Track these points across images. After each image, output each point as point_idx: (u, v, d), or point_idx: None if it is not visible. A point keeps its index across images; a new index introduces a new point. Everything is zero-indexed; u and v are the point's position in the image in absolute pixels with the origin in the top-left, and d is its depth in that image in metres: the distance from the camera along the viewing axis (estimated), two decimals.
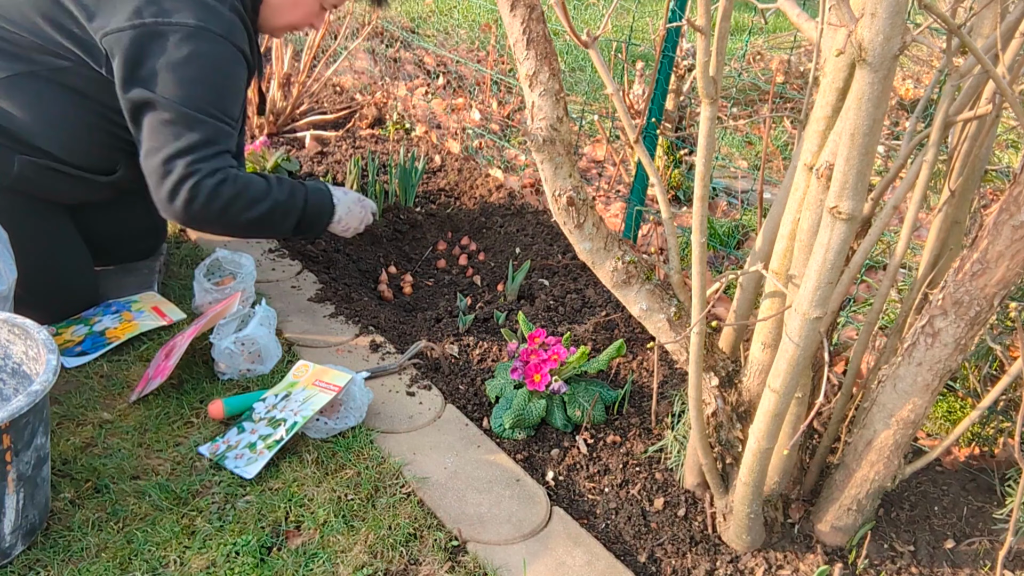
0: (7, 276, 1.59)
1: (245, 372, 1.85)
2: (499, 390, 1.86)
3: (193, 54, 1.71)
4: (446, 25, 4.48)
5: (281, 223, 1.91)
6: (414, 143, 3.16)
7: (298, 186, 1.94)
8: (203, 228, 1.89)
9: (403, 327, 2.11)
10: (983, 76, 1.28)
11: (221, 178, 1.75)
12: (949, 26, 1.03)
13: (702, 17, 1.10)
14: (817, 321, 1.17)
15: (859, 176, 1.02)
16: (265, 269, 2.27)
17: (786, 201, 1.37)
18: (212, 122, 1.75)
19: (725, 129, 3.57)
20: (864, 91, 0.96)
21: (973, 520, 1.67)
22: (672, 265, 1.44)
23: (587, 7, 5.09)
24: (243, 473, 1.58)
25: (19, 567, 1.37)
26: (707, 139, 1.19)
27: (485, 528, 1.53)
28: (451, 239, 2.64)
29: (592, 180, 3.09)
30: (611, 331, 2.13)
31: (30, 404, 1.26)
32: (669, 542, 1.57)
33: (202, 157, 1.73)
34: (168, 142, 1.72)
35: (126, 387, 1.80)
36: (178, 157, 1.72)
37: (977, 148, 1.44)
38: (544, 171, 1.38)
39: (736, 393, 1.51)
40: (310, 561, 1.43)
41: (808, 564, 1.53)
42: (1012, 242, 1.22)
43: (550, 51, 1.33)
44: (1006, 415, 1.80)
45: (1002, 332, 1.74)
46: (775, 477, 1.54)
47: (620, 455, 1.76)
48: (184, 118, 1.71)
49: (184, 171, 1.72)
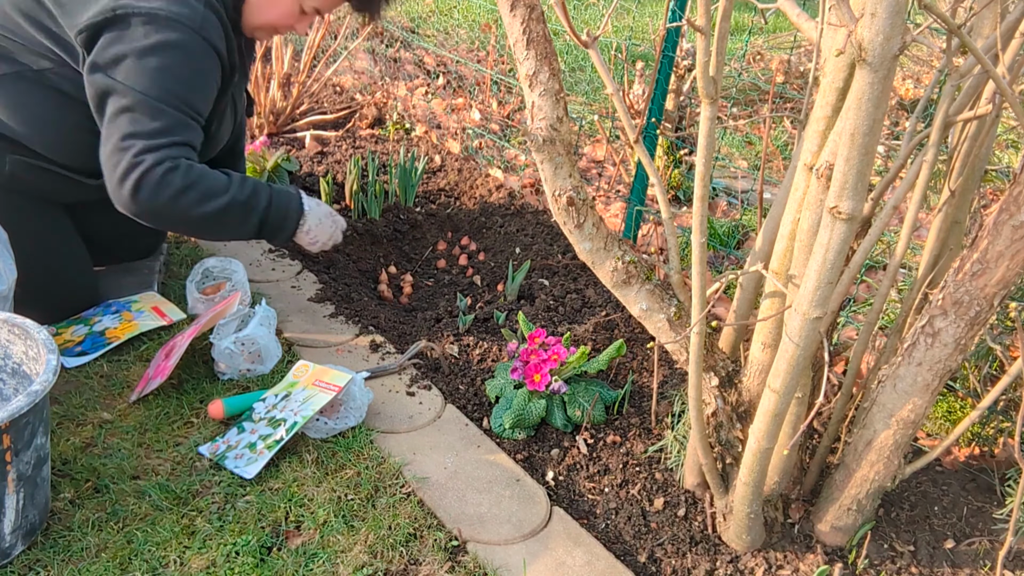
0: (7, 276, 1.59)
1: (245, 372, 1.85)
2: (499, 390, 1.87)
3: (160, 43, 1.67)
4: (446, 25, 4.48)
5: (241, 223, 1.83)
6: (414, 143, 3.16)
7: (262, 186, 1.87)
8: (156, 222, 1.78)
9: (403, 327, 2.11)
10: (983, 76, 1.28)
11: (170, 166, 1.68)
12: (949, 26, 1.03)
13: (702, 17, 1.10)
14: (817, 321, 1.17)
15: (859, 176, 1.02)
16: (265, 269, 2.27)
17: (786, 201, 1.37)
18: (172, 112, 1.70)
19: (725, 129, 3.57)
20: (864, 91, 0.96)
21: (973, 520, 1.67)
22: (672, 265, 1.44)
23: (587, 7, 5.09)
24: (243, 473, 1.58)
25: (19, 567, 1.37)
26: (707, 139, 1.19)
27: (485, 528, 1.54)
28: (451, 239, 2.64)
29: (592, 180, 3.09)
30: (611, 331, 2.13)
31: (30, 404, 1.26)
32: (669, 542, 1.57)
33: (155, 146, 1.67)
34: (122, 128, 1.67)
35: (126, 387, 1.80)
36: (129, 142, 1.66)
37: (977, 148, 1.44)
38: (544, 171, 1.38)
39: (736, 393, 1.51)
40: (310, 561, 1.43)
41: (808, 564, 1.53)
42: (1012, 242, 1.22)
43: (550, 51, 1.33)
44: (1006, 415, 1.80)
45: (1002, 332, 1.74)
46: (775, 477, 1.54)
47: (620, 455, 1.76)
48: (143, 106, 1.67)
49: (133, 158, 1.66)
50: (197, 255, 2.30)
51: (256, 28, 1.92)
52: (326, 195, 2.53)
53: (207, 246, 2.35)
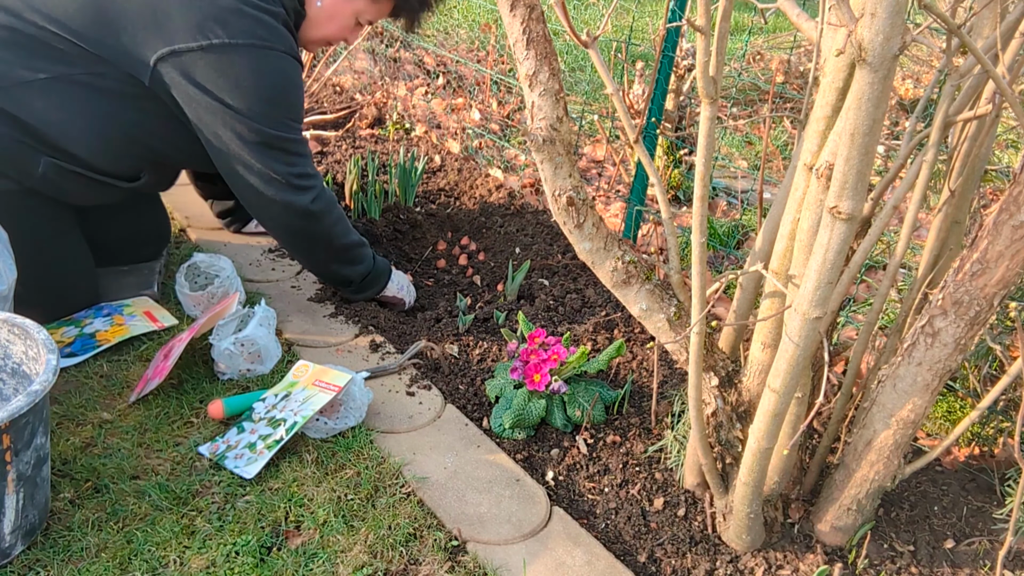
0: (7, 276, 1.59)
1: (245, 372, 1.85)
2: (499, 390, 1.86)
3: (270, 70, 1.77)
4: (446, 25, 4.47)
5: (357, 263, 2.06)
6: (414, 143, 3.16)
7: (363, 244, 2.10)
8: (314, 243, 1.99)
9: (403, 327, 2.11)
10: (983, 76, 1.28)
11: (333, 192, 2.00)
12: (949, 26, 1.03)
13: (702, 17, 1.10)
14: (817, 321, 1.17)
15: (859, 176, 1.02)
16: (265, 269, 2.27)
17: (786, 201, 1.37)
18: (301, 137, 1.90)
19: (725, 129, 3.57)
20: (864, 91, 0.96)
21: (973, 520, 1.67)
22: (672, 265, 1.44)
23: (587, 7, 5.09)
24: (243, 473, 1.58)
25: (19, 567, 1.37)
26: (707, 139, 1.19)
27: (485, 528, 1.53)
28: (451, 239, 2.64)
29: (592, 180, 3.09)
30: (611, 331, 2.13)
31: (30, 404, 1.26)
32: (669, 542, 1.57)
33: (314, 173, 1.93)
34: (280, 159, 1.83)
35: (126, 387, 1.80)
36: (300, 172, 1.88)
37: (977, 148, 1.44)
38: (544, 171, 1.38)
39: (736, 393, 1.51)
40: (310, 561, 1.43)
41: (808, 564, 1.53)
42: (1012, 242, 1.22)
43: (550, 51, 1.33)
44: (1006, 415, 1.80)
45: (1002, 332, 1.74)
46: (775, 477, 1.54)
47: (620, 455, 1.76)
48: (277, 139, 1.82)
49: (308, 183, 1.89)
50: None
51: (312, 42, 2.02)
52: None
53: (207, 246, 2.35)
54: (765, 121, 3.63)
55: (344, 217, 2.02)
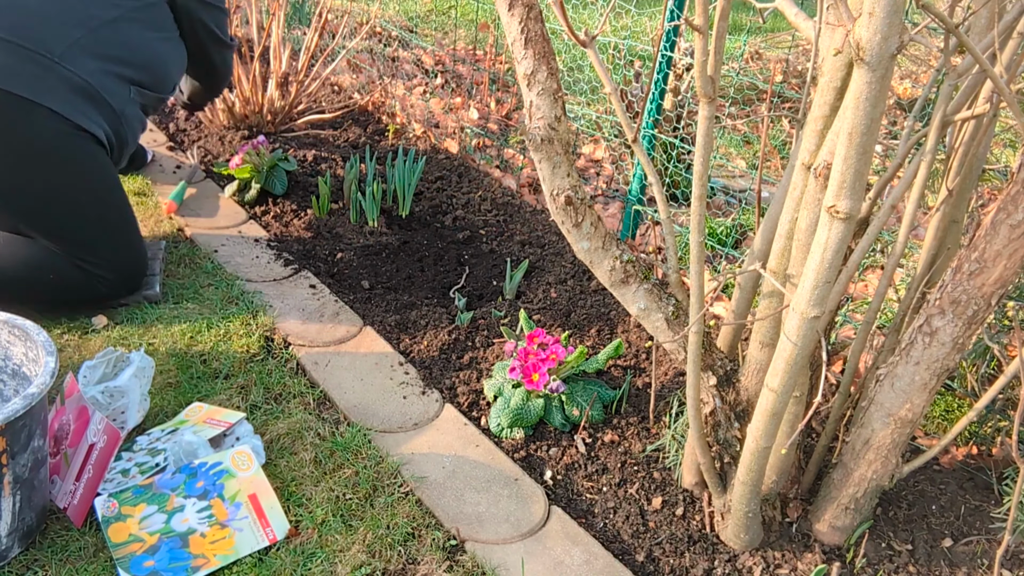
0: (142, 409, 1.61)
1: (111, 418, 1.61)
2: (497, 389, 1.86)
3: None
4: (444, 24, 4.47)
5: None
6: (412, 142, 3.16)
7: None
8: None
9: (401, 325, 2.11)
10: (981, 75, 1.28)
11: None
12: (947, 25, 1.03)
13: (700, 16, 1.10)
14: (815, 320, 1.17)
15: (857, 175, 1.02)
16: (263, 267, 2.27)
17: (784, 200, 1.37)
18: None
19: (723, 128, 3.57)
20: (862, 90, 0.96)
21: (971, 519, 1.67)
22: (670, 264, 1.44)
23: (585, 6, 5.09)
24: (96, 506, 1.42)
25: (17, 567, 1.37)
26: (705, 138, 1.19)
27: (483, 527, 1.54)
28: (449, 238, 2.64)
29: (590, 179, 3.09)
30: (610, 331, 2.13)
31: (26, 407, 1.26)
32: (667, 541, 1.57)
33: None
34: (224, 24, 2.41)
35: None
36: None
37: (975, 147, 1.44)
38: (542, 170, 1.38)
39: (734, 392, 1.52)
40: (308, 560, 1.43)
41: (806, 563, 1.53)
42: (1009, 241, 1.22)
43: (548, 50, 1.33)
44: (1004, 414, 1.80)
45: (1000, 331, 1.75)
46: (773, 476, 1.54)
47: (618, 454, 1.76)
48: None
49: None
50: (196, 254, 2.29)
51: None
52: (324, 195, 2.53)
53: (205, 245, 2.34)
54: (763, 120, 3.63)
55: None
